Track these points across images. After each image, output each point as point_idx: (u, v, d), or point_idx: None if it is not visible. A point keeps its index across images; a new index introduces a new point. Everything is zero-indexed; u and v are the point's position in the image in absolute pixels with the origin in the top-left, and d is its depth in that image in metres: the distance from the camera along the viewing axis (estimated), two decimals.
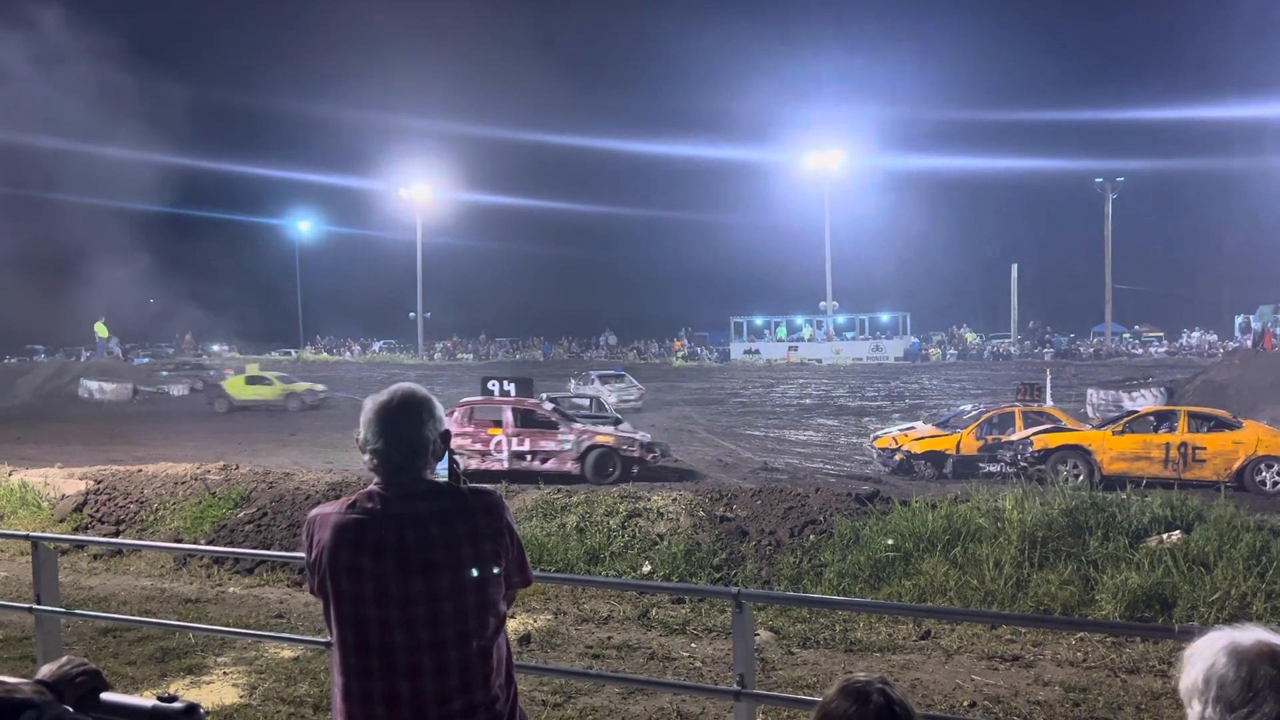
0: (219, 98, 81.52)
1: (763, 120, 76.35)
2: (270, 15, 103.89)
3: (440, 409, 2.46)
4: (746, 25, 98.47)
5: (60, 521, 12.52)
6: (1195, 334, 52.25)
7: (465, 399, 18.38)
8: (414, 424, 2.37)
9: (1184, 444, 15.28)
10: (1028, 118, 68.35)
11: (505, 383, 18.64)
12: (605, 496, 11.51)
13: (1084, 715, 6.35)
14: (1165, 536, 9.26)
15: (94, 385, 39.53)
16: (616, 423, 20.77)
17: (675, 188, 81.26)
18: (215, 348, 61.44)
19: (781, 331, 57.15)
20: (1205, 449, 15.21)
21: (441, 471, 2.52)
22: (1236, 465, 14.96)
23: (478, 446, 16.84)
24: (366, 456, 2.37)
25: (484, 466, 16.52)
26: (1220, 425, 15.67)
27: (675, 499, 11.28)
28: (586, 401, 23.38)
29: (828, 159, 56.30)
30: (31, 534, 5.59)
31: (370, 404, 2.42)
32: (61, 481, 13.63)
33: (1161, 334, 56.27)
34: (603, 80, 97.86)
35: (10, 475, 14.31)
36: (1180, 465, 15.12)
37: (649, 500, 11.26)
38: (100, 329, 48.49)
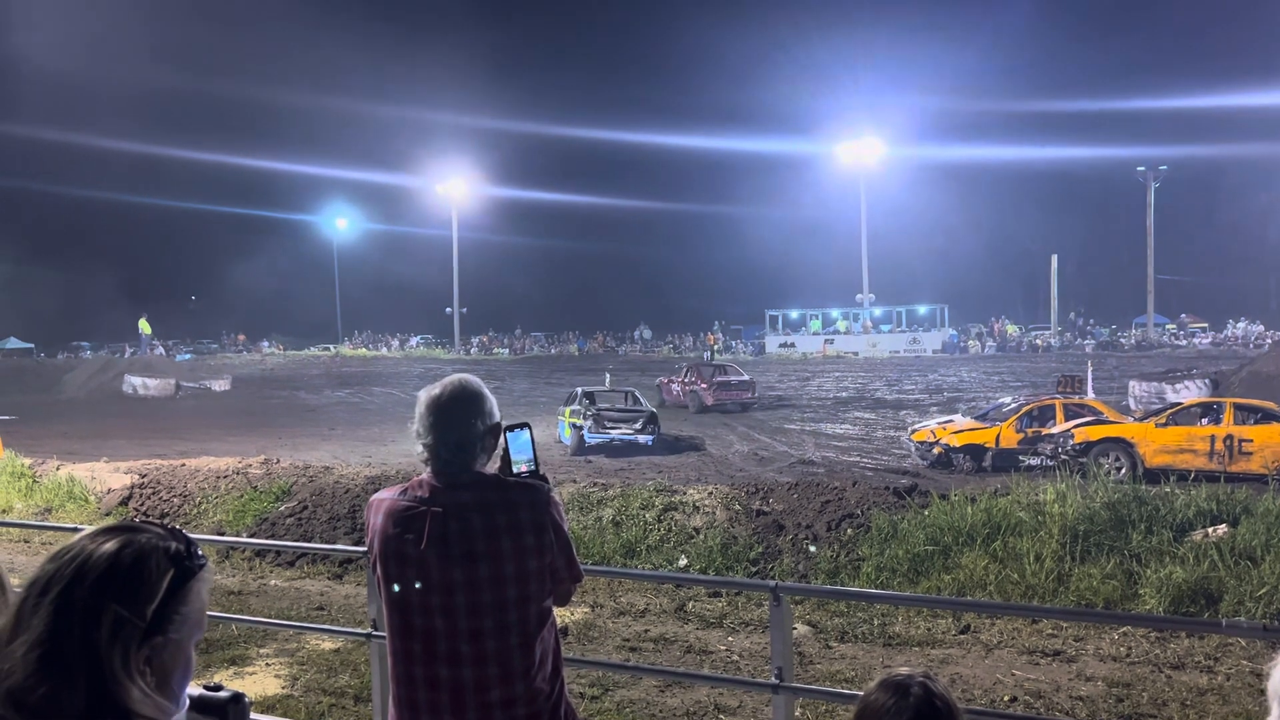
0: (255, 93, 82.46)
1: (799, 111, 75.88)
2: (308, 14, 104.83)
3: (491, 403, 2.47)
4: (782, 15, 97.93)
5: (106, 515, 12.74)
6: (1241, 324, 51.26)
7: None
8: (462, 418, 2.40)
9: (1230, 436, 15.00)
10: (1068, 106, 67.27)
11: None
12: (641, 490, 11.52)
13: (1127, 711, 6.27)
14: (1211, 530, 9.10)
15: (138, 381, 40.20)
16: (652, 416, 20.81)
17: (711, 181, 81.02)
18: (266, 345, 62.23)
19: (815, 325, 56.86)
20: (1252, 441, 14.92)
21: (519, 458, 2.56)
22: None
23: None
24: (419, 448, 2.42)
25: None
26: (1268, 417, 15.36)
27: (711, 493, 11.27)
28: (623, 396, 23.43)
29: (864, 150, 55.84)
30: (82, 527, 5.69)
31: (423, 396, 2.45)
32: (107, 475, 13.89)
33: (1205, 325, 55.27)
34: (637, 74, 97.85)
35: (58, 469, 14.59)
36: (1226, 458, 14.85)
37: (685, 494, 11.26)
38: (144, 325, 49.30)
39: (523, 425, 2.61)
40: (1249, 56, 64.34)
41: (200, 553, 1.44)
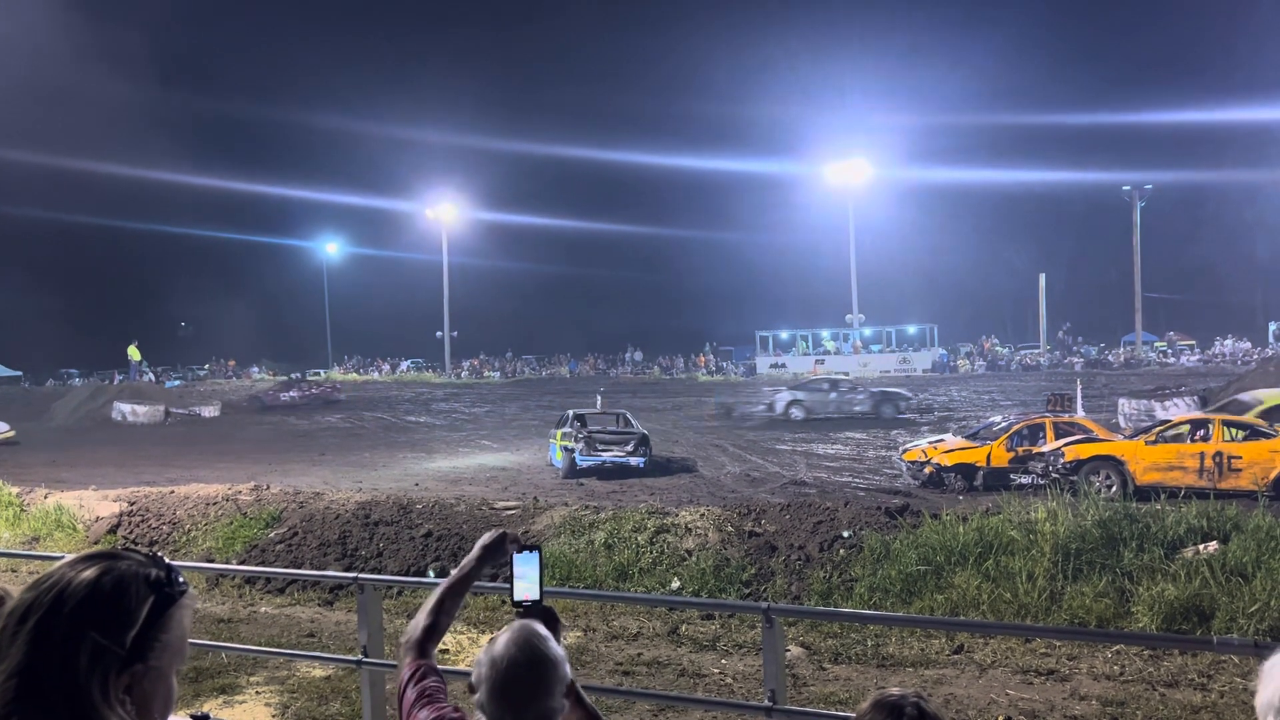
0: (245, 119, 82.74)
1: (787, 133, 76.20)
2: (298, 38, 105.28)
3: (565, 665, 2.09)
4: (770, 39, 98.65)
5: (95, 543, 12.65)
6: (1228, 342, 51.54)
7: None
8: (534, 694, 2.00)
9: (1219, 453, 15.05)
10: (1054, 127, 67.85)
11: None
12: (633, 512, 11.49)
13: None
14: (1202, 547, 9.12)
15: (127, 408, 39.97)
16: (643, 438, 20.78)
17: (700, 203, 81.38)
18: (255, 370, 62.03)
19: (803, 345, 56.96)
20: (1241, 458, 14.97)
21: (523, 584, 2.38)
22: (1274, 474, 14.70)
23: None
24: (479, 714, 2.01)
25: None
26: (1256, 434, 15.43)
27: (703, 514, 11.25)
28: (614, 418, 23.40)
29: (852, 171, 56.14)
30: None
31: (486, 659, 2.01)
32: (96, 504, 13.79)
33: (1193, 342, 55.56)
34: (626, 98, 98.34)
35: (46, 498, 14.49)
36: (1215, 475, 14.89)
37: (677, 516, 11.24)
38: (133, 352, 49.07)
39: (533, 548, 2.42)
40: (1233, 76, 65.12)
41: (181, 579, 1.43)
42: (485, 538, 2.47)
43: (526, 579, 2.38)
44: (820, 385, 34.78)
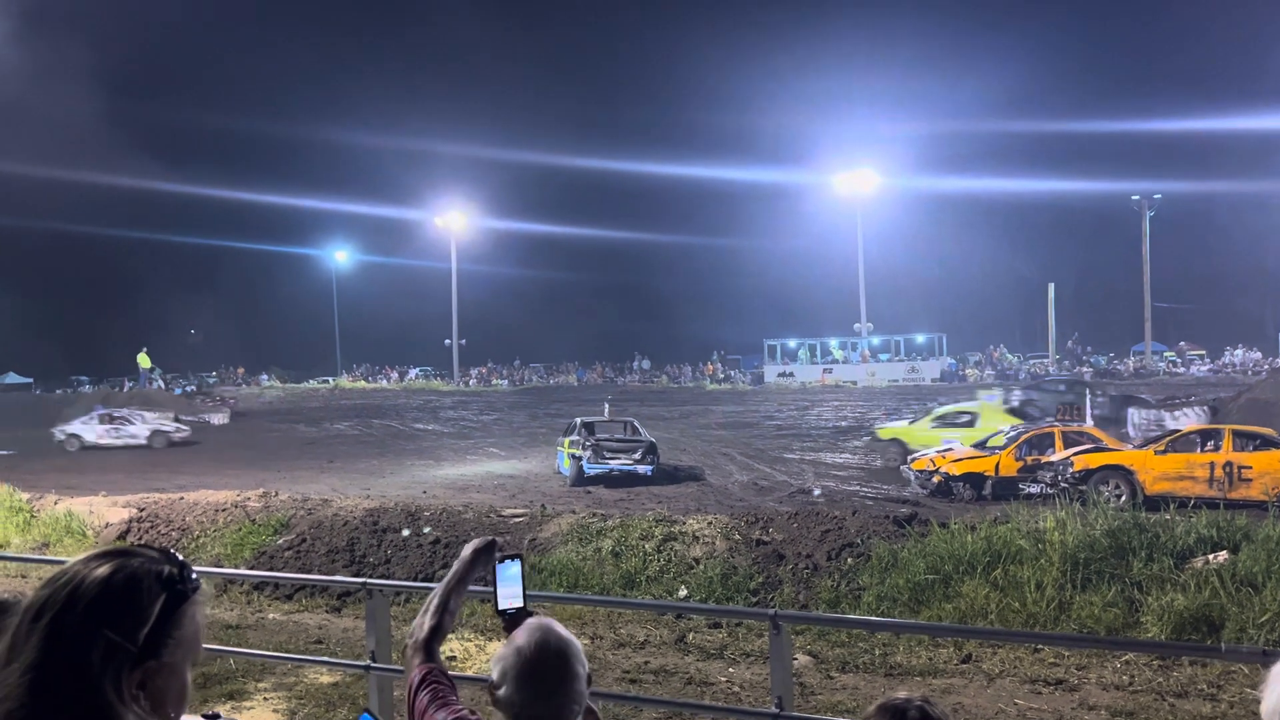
0: (253, 128, 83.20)
1: (795, 142, 76.30)
2: (306, 48, 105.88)
3: (584, 661, 2.13)
4: (778, 46, 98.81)
5: None
6: (1238, 351, 51.33)
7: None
8: (557, 686, 2.03)
9: (1229, 463, 14.99)
10: (1063, 135, 67.71)
11: None
12: (640, 520, 11.50)
13: None
14: (1211, 557, 9.09)
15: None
16: (651, 446, 20.78)
17: (708, 211, 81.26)
18: (264, 378, 62.16)
19: (804, 355, 56.89)
20: (1251, 468, 14.92)
21: (507, 593, 2.38)
22: None
23: None
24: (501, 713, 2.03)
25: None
26: (1266, 444, 15.37)
27: (711, 522, 11.24)
28: (622, 426, 23.38)
29: (860, 180, 56.15)
30: None
31: (510, 653, 2.05)
32: (106, 510, 13.86)
33: (1203, 352, 55.31)
34: (634, 106, 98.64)
35: (56, 504, 14.57)
36: (1226, 485, 14.84)
37: (684, 524, 11.23)
38: (143, 359, 49.25)
39: (514, 557, 2.42)
40: (1243, 85, 64.97)
41: (194, 575, 1.44)
42: (475, 542, 2.48)
43: (509, 588, 2.39)
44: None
